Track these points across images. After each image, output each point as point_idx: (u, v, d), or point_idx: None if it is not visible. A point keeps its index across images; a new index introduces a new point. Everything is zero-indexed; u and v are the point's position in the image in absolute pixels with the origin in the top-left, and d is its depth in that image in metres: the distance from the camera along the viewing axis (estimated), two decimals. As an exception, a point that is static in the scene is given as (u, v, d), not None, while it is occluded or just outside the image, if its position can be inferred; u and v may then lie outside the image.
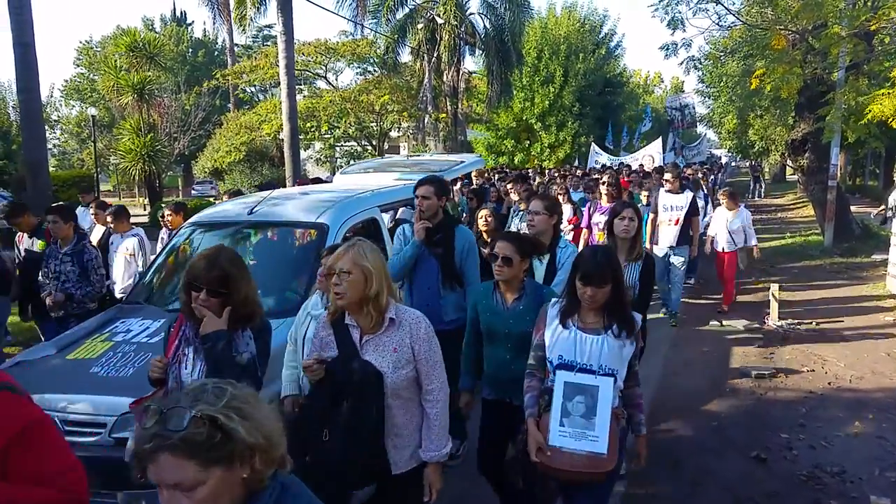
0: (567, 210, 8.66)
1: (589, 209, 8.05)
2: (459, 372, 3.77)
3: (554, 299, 3.22)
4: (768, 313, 8.65)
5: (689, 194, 8.43)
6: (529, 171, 19.62)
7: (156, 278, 5.32)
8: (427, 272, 4.66)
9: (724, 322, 8.65)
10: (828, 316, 8.91)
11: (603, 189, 7.92)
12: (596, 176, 12.67)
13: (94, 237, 7.07)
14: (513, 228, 7.37)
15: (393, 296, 2.86)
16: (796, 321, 8.52)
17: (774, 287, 8.81)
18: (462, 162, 8.25)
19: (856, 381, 6.40)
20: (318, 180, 10.81)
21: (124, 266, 6.55)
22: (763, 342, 7.75)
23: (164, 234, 7.42)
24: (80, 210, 9.46)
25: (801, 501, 4.28)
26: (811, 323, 8.51)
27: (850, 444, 5.05)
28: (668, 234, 8.31)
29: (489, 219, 6.47)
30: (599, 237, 7.33)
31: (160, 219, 7.81)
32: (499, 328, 3.53)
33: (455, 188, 9.84)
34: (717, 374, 6.74)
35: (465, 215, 9.01)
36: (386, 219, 8.14)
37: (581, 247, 7.30)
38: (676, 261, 8.32)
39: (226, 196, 9.54)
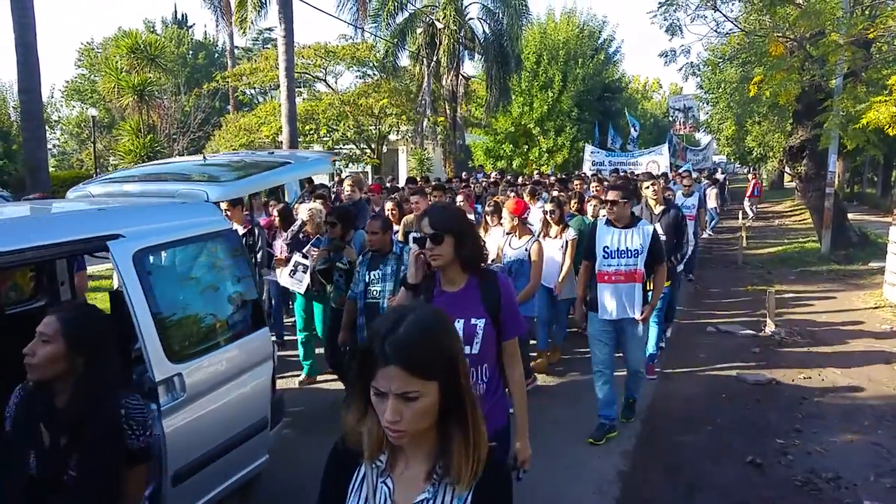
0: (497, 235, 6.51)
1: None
2: None
3: None
4: (765, 320, 8.67)
5: (646, 229, 5.19)
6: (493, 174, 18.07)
7: None
8: None
9: (722, 328, 8.67)
10: (824, 323, 8.95)
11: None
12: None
13: None
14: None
15: None
16: (793, 328, 8.55)
17: (771, 293, 8.84)
18: (287, 164, 5.09)
19: (851, 387, 6.42)
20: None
21: None
22: (760, 348, 7.76)
23: None
24: None
25: (796, 507, 4.30)
26: (807, 329, 8.54)
27: (846, 451, 5.07)
28: (613, 298, 5.16)
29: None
30: None
31: None
32: None
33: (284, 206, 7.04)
34: (713, 380, 6.75)
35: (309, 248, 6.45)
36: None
37: None
38: (636, 329, 5.24)
39: None
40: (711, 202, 19.36)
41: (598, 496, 4.32)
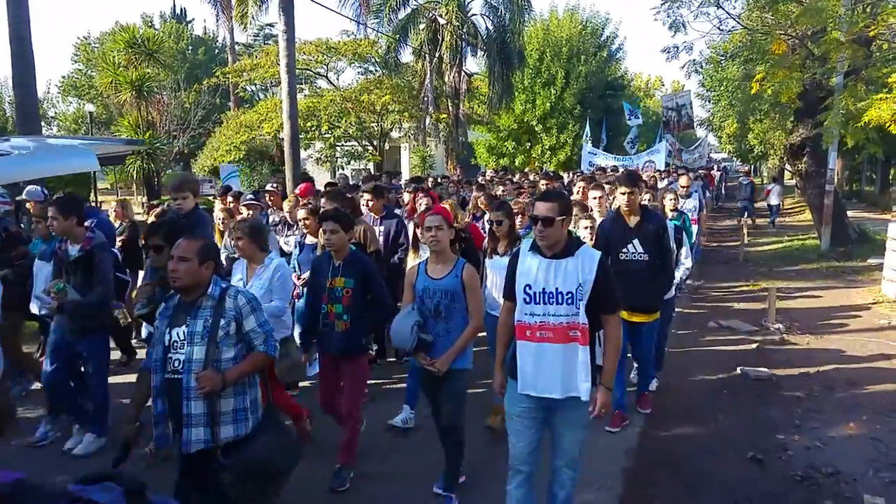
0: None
1: None
2: None
3: None
4: (766, 316, 8.70)
5: (588, 260, 3.32)
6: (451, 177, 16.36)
7: None
8: None
9: (723, 323, 8.70)
10: (824, 319, 8.99)
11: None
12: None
13: None
14: None
15: None
16: (793, 324, 8.59)
17: (772, 290, 8.87)
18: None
19: (850, 382, 6.45)
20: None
21: None
22: (760, 344, 7.80)
23: None
24: None
25: (796, 501, 4.32)
26: (807, 326, 8.58)
27: (845, 445, 5.10)
28: (538, 365, 3.33)
29: None
30: None
31: None
32: None
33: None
34: (714, 376, 6.78)
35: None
36: None
37: None
38: (576, 414, 3.38)
39: None
40: (774, 199, 19.70)
41: (603, 492, 4.34)
